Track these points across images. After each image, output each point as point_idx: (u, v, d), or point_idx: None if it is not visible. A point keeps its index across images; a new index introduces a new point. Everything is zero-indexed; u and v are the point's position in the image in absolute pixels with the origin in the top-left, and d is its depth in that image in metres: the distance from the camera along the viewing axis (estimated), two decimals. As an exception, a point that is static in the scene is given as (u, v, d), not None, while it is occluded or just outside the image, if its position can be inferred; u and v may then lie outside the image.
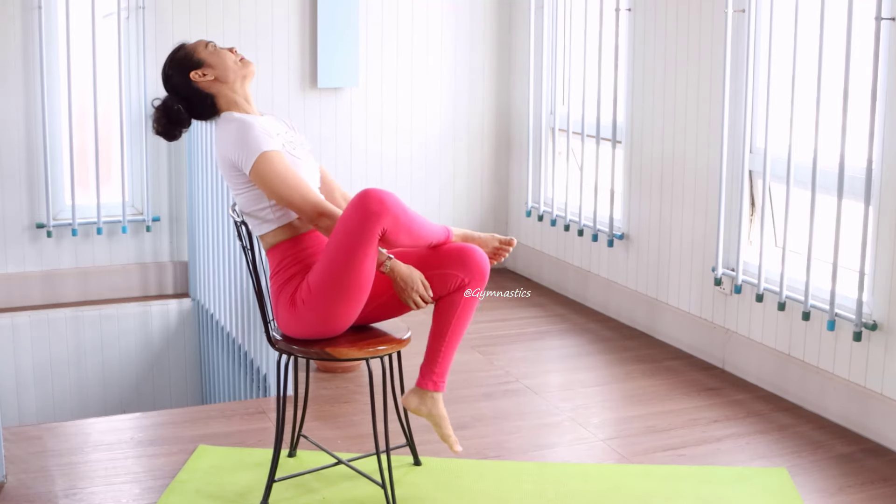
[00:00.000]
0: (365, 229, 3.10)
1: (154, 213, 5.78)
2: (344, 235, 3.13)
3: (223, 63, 3.37)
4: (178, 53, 3.42)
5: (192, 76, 3.36)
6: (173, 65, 3.41)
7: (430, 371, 3.37)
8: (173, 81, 3.41)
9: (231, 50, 3.42)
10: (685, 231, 4.97)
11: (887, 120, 3.85)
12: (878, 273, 3.94)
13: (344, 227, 3.13)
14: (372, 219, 3.09)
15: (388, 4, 6.05)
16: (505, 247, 3.50)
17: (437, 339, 3.35)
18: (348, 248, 3.12)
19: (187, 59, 3.38)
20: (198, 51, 3.39)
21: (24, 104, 5.46)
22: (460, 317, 3.34)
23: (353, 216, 3.11)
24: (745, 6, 4.43)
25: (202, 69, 3.37)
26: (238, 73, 3.39)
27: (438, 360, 3.35)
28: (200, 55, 3.38)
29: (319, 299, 3.17)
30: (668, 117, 5.01)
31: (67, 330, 5.55)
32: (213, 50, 3.40)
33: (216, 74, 3.36)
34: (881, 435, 3.94)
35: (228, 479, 3.56)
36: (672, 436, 4.01)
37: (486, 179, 6.43)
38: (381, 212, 3.10)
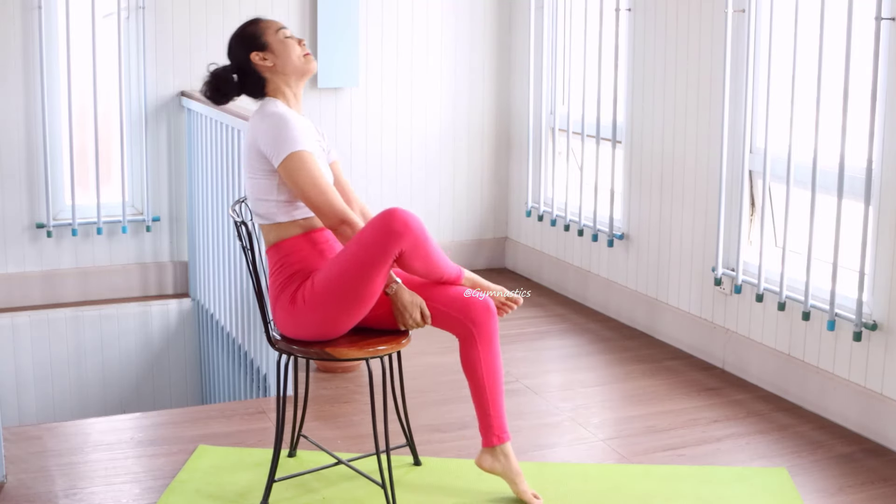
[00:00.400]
0: (384, 247, 3.11)
1: (154, 213, 5.78)
2: (362, 248, 3.13)
3: (286, 54, 3.35)
4: (248, 28, 3.40)
5: (253, 57, 3.35)
6: (240, 39, 3.39)
7: (487, 427, 3.34)
8: (234, 54, 3.39)
9: (300, 42, 3.39)
10: (685, 231, 4.97)
11: (887, 120, 3.85)
12: (878, 273, 3.94)
13: (364, 240, 3.13)
14: (393, 238, 3.10)
15: (388, 4, 6.05)
16: (510, 303, 3.46)
17: (480, 395, 3.32)
18: (364, 261, 3.12)
19: (254, 39, 3.36)
20: (267, 33, 3.37)
21: (24, 104, 5.46)
22: (488, 364, 3.31)
23: (376, 232, 3.12)
24: (745, 6, 4.43)
25: (264, 53, 3.35)
26: (298, 68, 3.37)
27: (491, 414, 3.33)
28: (268, 38, 3.36)
29: (323, 303, 3.17)
30: (668, 117, 5.01)
31: (67, 330, 5.55)
32: (283, 38, 3.37)
33: (276, 63, 3.35)
34: (881, 435, 3.94)
35: (228, 479, 3.56)
36: (672, 436, 4.01)
37: (486, 179, 6.43)
38: (403, 233, 3.11)
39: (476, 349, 3.29)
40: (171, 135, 5.72)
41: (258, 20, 3.42)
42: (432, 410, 4.20)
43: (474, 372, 3.31)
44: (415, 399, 4.16)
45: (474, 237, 6.44)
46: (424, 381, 4.51)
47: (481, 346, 3.29)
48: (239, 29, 3.43)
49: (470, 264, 6.36)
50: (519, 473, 3.38)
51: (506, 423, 3.36)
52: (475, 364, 3.30)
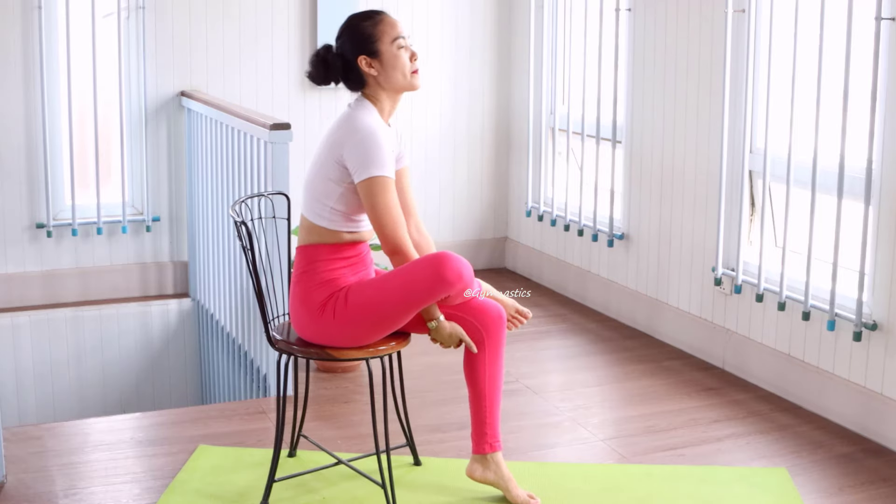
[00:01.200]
0: (432, 291, 3.14)
1: (154, 213, 5.78)
2: (409, 284, 3.14)
3: (394, 69, 3.25)
4: (364, 24, 3.27)
5: (360, 60, 3.25)
6: (353, 34, 3.27)
7: (481, 434, 3.35)
8: (344, 46, 3.28)
9: (412, 57, 3.28)
10: (685, 231, 4.97)
11: (887, 120, 3.85)
12: (878, 273, 3.94)
13: (414, 278, 3.14)
14: (443, 286, 3.13)
15: (388, 4, 6.05)
16: (519, 317, 3.48)
17: (478, 402, 3.33)
18: (408, 297, 3.14)
19: (367, 41, 3.24)
20: (382, 40, 3.24)
21: (24, 104, 5.46)
22: (491, 373, 3.31)
23: (426, 274, 3.13)
24: (745, 6, 4.43)
25: (373, 60, 3.25)
26: (401, 86, 3.29)
27: (486, 422, 3.33)
28: (382, 47, 3.24)
29: (357, 321, 3.18)
30: (668, 117, 5.01)
31: (67, 330, 5.55)
32: (396, 51, 3.25)
33: (381, 73, 3.26)
34: (881, 435, 3.94)
35: (228, 479, 3.56)
36: (672, 436, 4.01)
37: (486, 179, 6.43)
38: (454, 283, 3.14)
39: (482, 355, 3.30)
40: (171, 135, 5.72)
41: (379, 18, 3.27)
42: (432, 410, 4.20)
43: (476, 378, 3.31)
44: (415, 399, 4.16)
45: (474, 237, 6.43)
46: (424, 381, 4.51)
47: (488, 353, 3.30)
48: (357, 18, 3.29)
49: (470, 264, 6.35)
50: (511, 479, 3.39)
51: (499, 433, 3.37)
52: (478, 370, 3.30)
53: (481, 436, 3.35)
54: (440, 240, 6.30)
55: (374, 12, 3.31)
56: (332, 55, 3.30)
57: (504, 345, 3.35)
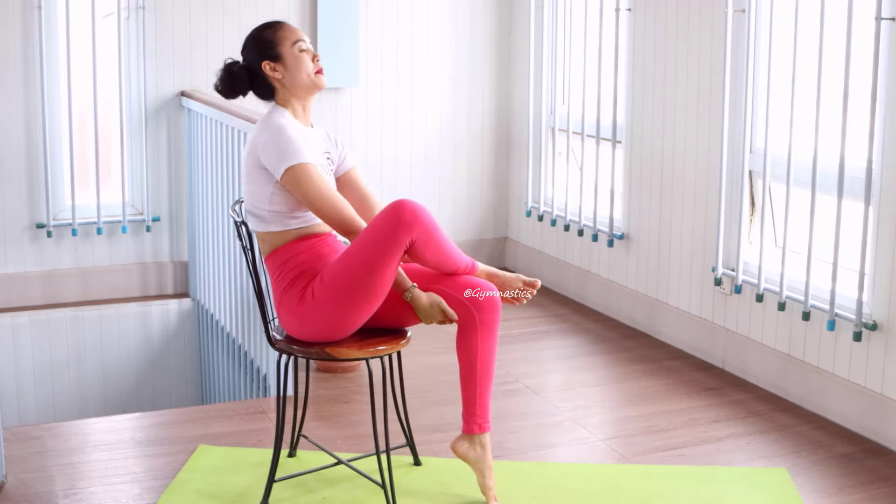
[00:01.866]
0: (393, 238, 3.10)
1: (154, 213, 5.78)
2: (371, 241, 3.12)
3: (297, 70, 3.33)
4: (265, 33, 3.36)
5: (264, 66, 3.33)
6: (255, 43, 3.36)
7: (471, 415, 3.33)
8: (248, 55, 3.38)
9: (314, 57, 3.37)
10: (685, 231, 4.97)
11: (887, 120, 3.85)
12: (878, 273, 3.94)
13: (373, 232, 3.13)
14: (403, 228, 3.10)
15: (388, 4, 6.05)
16: (528, 288, 3.44)
17: (469, 382, 3.31)
18: (373, 254, 3.12)
19: (268, 47, 3.34)
20: (283, 44, 3.34)
21: (24, 104, 5.46)
22: (484, 353, 3.29)
23: (384, 224, 3.12)
24: (745, 6, 4.43)
25: (276, 64, 3.33)
26: (306, 86, 3.35)
27: (477, 402, 3.32)
28: (282, 50, 3.33)
29: (333, 299, 3.16)
30: (668, 117, 5.01)
31: (67, 330, 5.55)
32: (297, 53, 3.34)
33: (285, 76, 3.33)
34: (881, 435, 3.94)
35: (228, 479, 3.56)
36: (672, 436, 4.01)
37: (486, 179, 6.43)
38: (412, 223, 3.11)
39: (475, 335, 3.28)
40: (171, 135, 5.72)
41: (278, 26, 3.38)
42: (432, 410, 4.20)
43: (469, 357, 3.29)
44: (415, 399, 4.16)
45: (474, 237, 6.43)
46: (424, 381, 4.51)
47: (481, 334, 3.28)
48: (257, 30, 3.40)
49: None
50: (490, 468, 3.37)
51: (489, 414, 3.35)
52: (472, 350, 3.28)
53: (471, 415, 3.33)
54: (440, 240, 6.31)
55: (274, 22, 3.42)
56: (238, 67, 3.39)
57: (498, 326, 3.31)
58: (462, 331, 3.30)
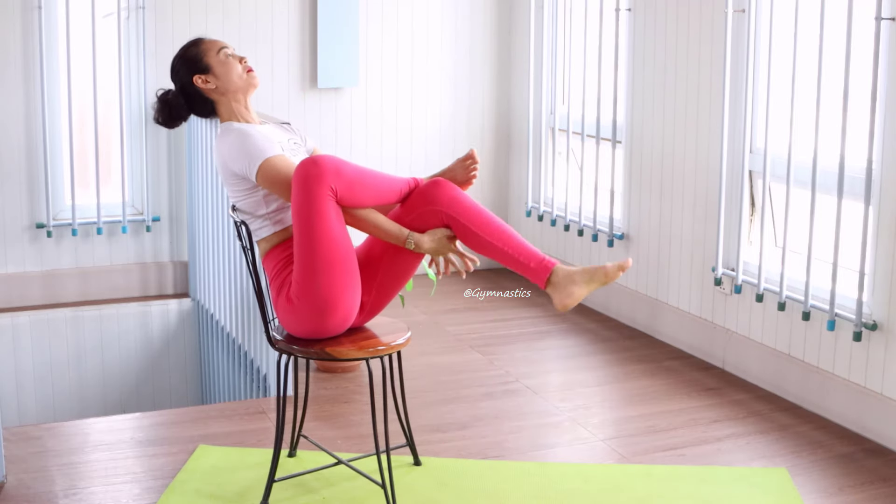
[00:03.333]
0: (312, 196, 3.08)
1: (154, 213, 5.78)
2: (297, 213, 3.12)
3: (227, 74, 3.38)
4: (189, 51, 3.42)
5: (196, 80, 3.38)
6: (182, 61, 3.41)
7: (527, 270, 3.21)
8: (178, 77, 3.43)
9: (241, 60, 3.41)
10: (685, 231, 4.97)
11: (887, 120, 3.85)
12: (878, 273, 3.94)
13: (294, 204, 3.12)
14: (312, 182, 3.08)
15: (388, 4, 6.05)
16: (471, 166, 3.37)
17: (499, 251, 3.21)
18: (306, 223, 3.10)
19: (195, 61, 3.39)
20: (208, 55, 3.39)
21: (24, 104, 5.46)
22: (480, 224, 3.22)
23: (298, 189, 3.10)
24: (745, 6, 4.43)
25: (206, 76, 3.38)
26: (240, 86, 3.39)
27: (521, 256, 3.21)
28: (209, 61, 3.38)
29: (306, 284, 3.16)
30: (668, 117, 5.01)
31: (67, 330, 5.55)
32: (224, 59, 3.39)
33: (218, 84, 3.38)
34: (881, 435, 3.94)
35: (228, 479, 3.56)
36: (672, 436, 4.01)
37: (486, 179, 6.43)
38: (319, 173, 3.08)
39: (460, 222, 3.24)
40: (171, 135, 5.72)
41: (199, 41, 3.43)
42: (432, 410, 4.20)
43: (478, 240, 3.23)
44: (415, 399, 4.17)
45: (474, 237, 6.42)
46: (424, 381, 4.51)
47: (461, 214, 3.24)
48: (180, 51, 3.44)
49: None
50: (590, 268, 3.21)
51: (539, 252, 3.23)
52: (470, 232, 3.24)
53: (528, 271, 3.21)
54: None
55: (193, 39, 3.46)
56: (172, 94, 3.43)
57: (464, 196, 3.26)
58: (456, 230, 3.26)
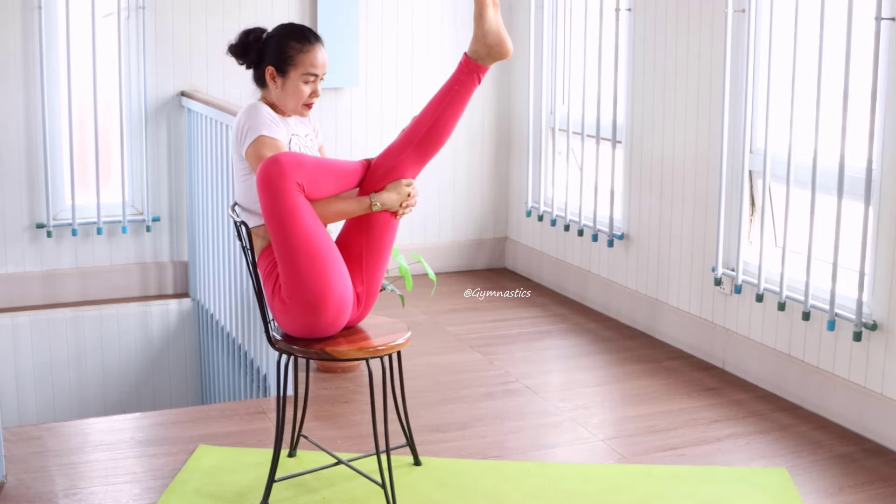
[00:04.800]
0: (279, 193, 3.09)
1: (154, 213, 5.78)
2: (268, 213, 3.13)
3: (289, 96, 3.35)
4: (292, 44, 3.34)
5: (267, 69, 3.36)
6: (280, 45, 3.34)
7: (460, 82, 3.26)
8: (266, 46, 3.37)
9: (312, 93, 3.37)
10: (685, 231, 4.97)
11: (887, 120, 3.85)
12: (878, 273, 3.94)
13: (263, 206, 3.13)
14: (276, 180, 3.09)
15: (388, 4, 6.05)
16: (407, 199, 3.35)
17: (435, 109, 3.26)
18: (279, 221, 3.11)
19: (283, 59, 3.33)
20: (297, 68, 3.33)
21: (24, 104, 5.46)
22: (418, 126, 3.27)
23: (263, 190, 3.11)
24: (745, 6, 4.43)
25: (278, 77, 3.35)
26: (289, 110, 3.38)
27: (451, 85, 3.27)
28: (292, 72, 3.33)
29: (291, 286, 3.16)
30: (668, 117, 5.01)
31: (67, 330, 5.55)
32: (300, 85, 3.33)
33: (276, 92, 3.36)
34: (881, 435, 3.94)
35: (228, 479, 3.56)
36: (672, 436, 4.01)
37: (486, 179, 6.43)
38: (281, 170, 3.08)
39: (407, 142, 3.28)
40: (171, 135, 5.73)
41: (307, 47, 3.34)
42: (432, 410, 4.20)
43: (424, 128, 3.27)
44: (415, 399, 4.17)
45: (474, 237, 6.43)
46: (424, 381, 4.51)
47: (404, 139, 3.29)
48: (289, 36, 3.36)
49: (470, 264, 6.36)
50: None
51: None
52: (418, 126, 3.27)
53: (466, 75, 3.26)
54: (440, 240, 6.31)
55: (307, 36, 3.38)
56: (255, 44, 3.40)
57: None
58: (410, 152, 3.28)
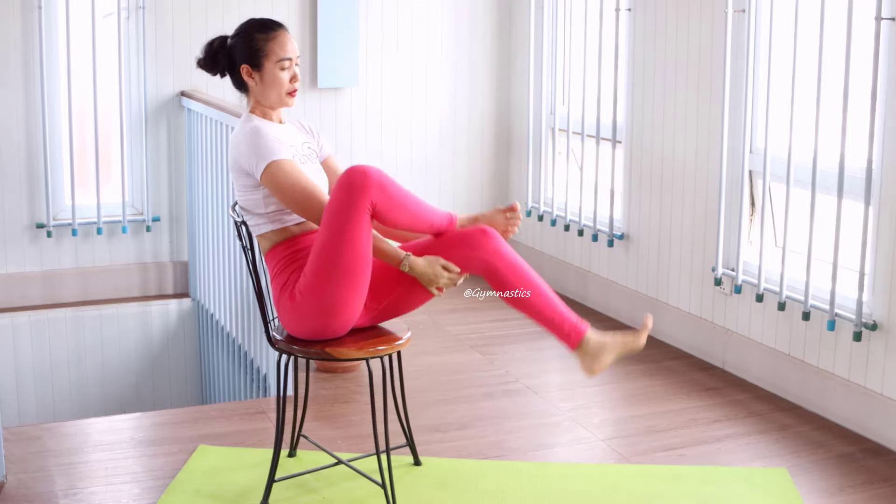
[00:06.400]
0: (352, 205, 3.06)
1: (154, 213, 5.78)
2: (332, 215, 3.09)
3: (270, 87, 3.31)
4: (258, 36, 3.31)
5: (242, 68, 3.32)
6: (247, 41, 3.31)
7: (561, 332, 3.27)
8: (234, 47, 3.34)
9: (293, 78, 3.32)
10: (685, 231, 4.97)
11: (887, 120, 3.85)
12: (878, 273, 3.94)
13: (332, 207, 3.10)
14: (356, 192, 3.05)
15: (388, 4, 6.05)
16: (513, 218, 3.38)
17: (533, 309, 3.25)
18: (338, 228, 3.08)
19: (254, 53, 3.30)
20: (270, 57, 3.29)
21: (24, 104, 5.46)
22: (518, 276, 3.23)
23: (339, 194, 3.08)
24: (745, 6, 4.43)
25: (254, 72, 3.32)
26: (274, 103, 3.35)
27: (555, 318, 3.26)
28: (266, 62, 3.30)
29: (317, 287, 3.14)
30: (668, 117, 5.01)
31: (67, 330, 5.55)
32: (277, 72, 3.30)
33: (257, 88, 3.33)
34: (881, 435, 3.94)
35: (228, 479, 3.56)
36: (672, 436, 4.01)
37: (486, 179, 6.43)
38: (365, 185, 3.05)
39: (502, 276, 3.23)
40: (171, 135, 5.73)
41: (273, 34, 3.32)
42: (432, 410, 4.20)
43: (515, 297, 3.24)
44: (415, 399, 4.17)
45: (474, 237, 6.42)
46: (424, 381, 4.51)
47: (505, 270, 3.22)
48: (254, 28, 3.33)
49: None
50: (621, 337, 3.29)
51: (573, 317, 3.27)
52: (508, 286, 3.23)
53: (562, 333, 3.26)
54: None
55: (271, 25, 3.35)
56: (223, 51, 3.37)
57: (508, 248, 3.24)
58: (490, 280, 3.24)
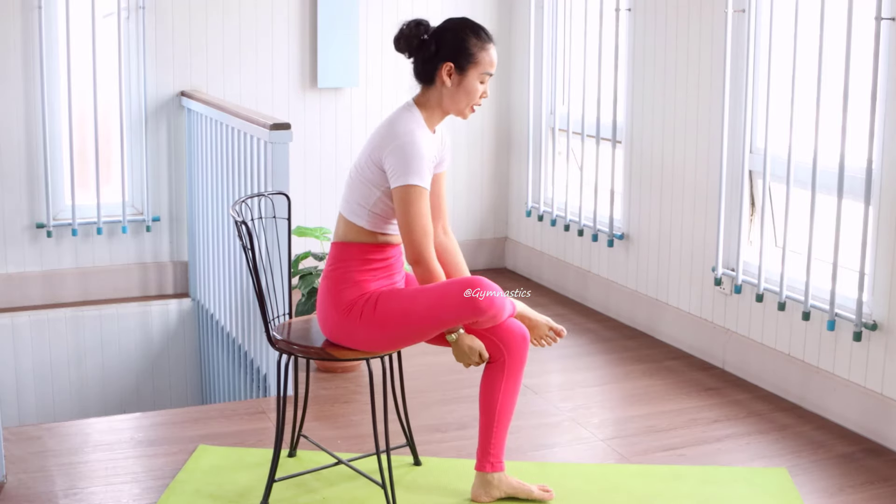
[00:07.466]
0: (462, 314, 3.13)
1: (154, 213, 5.78)
2: (440, 303, 3.14)
3: (462, 96, 3.25)
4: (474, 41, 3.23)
5: (444, 66, 3.24)
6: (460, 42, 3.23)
7: (485, 453, 3.36)
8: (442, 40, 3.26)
9: (483, 94, 3.27)
10: (685, 231, 4.97)
11: (887, 120, 3.85)
12: (878, 273, 3.94)
13: (445, 298, 3.14)
14: (474, 312, 3.12)
15: (388, 4, 6.05)
16: (550, 339, 3.47)
17: (488, 422, 3.32)
18: (437, 315, 3.14)
19: (464, 56, 3.22)
20: (477, 67, 3.23)
21: (24, 104, 5.46)
22: (506, 395, 3.30)
23: (460, 299, 3.12)
24: (745, 6, 4.43)
25: (455, 75, 3.24)
26: (456, 109, 3.28)
27: (492, 442, 3.34)
28: (470, 69, 3.23)
29: (381, 327, 3.18)
30: (668, 117, 5.01)
31: (67, 330, 5.55)
32: (477, 86, 3.24)
33: (449, 90, 3.25)
34: (881, 435, 3.94)
35: (228, 479, 3.56)
36: (672, 436, 4.01)
37: (486, 179, 6.43)
38: (486, 310, 3.12)
39: (501, 377, 3.29)
40: (171, 135, 5.72)
41: (488, 45, 3.25)
42: (432, 410, 4.20)
43: (491, 398, 3.30)
44: (415, 399, 4.17)
45: (474, 237, 6.43)
46: (424, 381, 4.51)
47: (507, 376, 3.29)
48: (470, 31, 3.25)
49: (470, 264, 6.34)
50: (522, 484, 3.40)
51: (503, 453, 3.38)
52: (495, 392, 3.29)
53: (485, 454, 3.36)
54: (440, 240, 6.30)
55: (487, 36, 3.28)
56: (428, 39, 3.28)
57: (524, 366, 3.33)
58: (489, 370, 3.30)
